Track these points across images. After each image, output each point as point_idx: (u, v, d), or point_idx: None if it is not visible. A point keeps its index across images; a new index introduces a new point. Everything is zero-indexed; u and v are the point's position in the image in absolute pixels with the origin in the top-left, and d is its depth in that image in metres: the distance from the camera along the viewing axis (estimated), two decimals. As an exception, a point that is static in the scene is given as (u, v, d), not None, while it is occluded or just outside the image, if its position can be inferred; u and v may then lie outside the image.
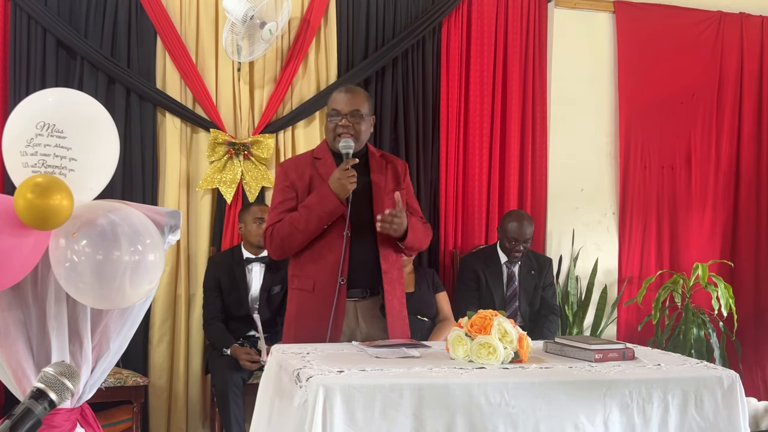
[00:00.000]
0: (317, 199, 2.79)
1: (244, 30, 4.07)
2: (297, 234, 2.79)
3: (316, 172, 2.88)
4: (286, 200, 2.87)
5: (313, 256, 2.83)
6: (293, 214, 2.81)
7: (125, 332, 2.26)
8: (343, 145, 2.80)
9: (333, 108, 2.89)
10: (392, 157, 3.07)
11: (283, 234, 2.81)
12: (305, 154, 3.04)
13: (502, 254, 4.33)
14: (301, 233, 2.79)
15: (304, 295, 2.85)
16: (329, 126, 2.89)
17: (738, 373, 2.27)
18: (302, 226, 2.78)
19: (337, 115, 2.87)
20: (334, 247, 2.80)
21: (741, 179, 4.99)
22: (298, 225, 2.78)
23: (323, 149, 2.96)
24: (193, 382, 4.24)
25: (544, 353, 2.49)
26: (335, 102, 2.89)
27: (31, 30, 4.01)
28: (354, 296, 2.85)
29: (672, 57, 4.87)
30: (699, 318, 4.56)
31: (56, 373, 1.54)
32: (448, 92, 4.56)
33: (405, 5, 4.51)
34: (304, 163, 2.94)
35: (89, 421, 2.27)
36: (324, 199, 2.77)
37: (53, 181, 1.95)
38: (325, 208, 2.76)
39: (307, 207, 2.80)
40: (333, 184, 2.76)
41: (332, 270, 2.80)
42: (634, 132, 4.82)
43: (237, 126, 4.28)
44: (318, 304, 2.80)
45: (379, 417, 1.98)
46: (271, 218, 2.89)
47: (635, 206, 4.82)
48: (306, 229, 2.78)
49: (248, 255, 4.00)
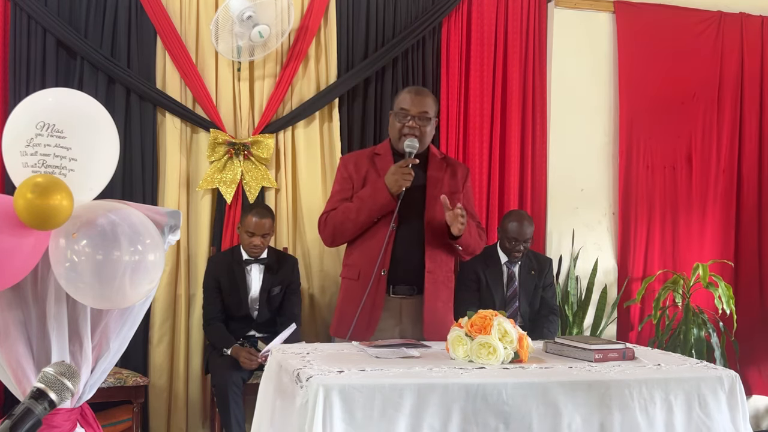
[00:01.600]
0: (371, 191, 2.87)
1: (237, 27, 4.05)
2: (348, 223, 2.90)
3: (373, 167, 2.97)
4: (343, 190, 2.99)
5: (361, 246, 2.93)
6: (348, 204, 2.92)
7: (125, 332, 2.25)
8: (408, 144, 2.87)
9: (401, 108, 2.93)
10: (454, 161, 3.14)
11: (336, 222, 2.92)
12: (367, 150, 3.16)
13: (502, 254, 4.33)
14: (352, 223, 2.89)
15: (350, 283, 2.97)
16: (395, 125, 2.95)
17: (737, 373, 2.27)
18: (353, 216, 2.88)
19: (405, 116, 2.92)
20: (379, 239, 2.87)
21: (742, 179, 4.98)
22: (349, 215, 2.89)
23: (385, 146, 3.05)
24: (193, 382, 4.24)
25: (544, 353, 2.49)
26: (404, 102, 2.94)
27: (31, 30, 4.01)
28: (400, 293, 2.93)
29: (672, 57, 4.87)
30: (699, 318, 4.56)
31: (56, 373, 1.54)
32: (448, 92, 4.56)
33: (405, 5, 4.51)
34: (363, 157, 3.04)
35: (89, 421, 2.26)
36: (377, 192, 2.85)
37: (53, 181, 1.95)
38: (376, 202, 2.84)
39: (360, 198, 2.89)
40: (388, 179, 2.83)
41: (375, 261, 2.86)
42: (634, 132, 4.82)
43: (237, 126, 4.28)
44: (361, 293, 2.88)
45: (379, 417, 1.98)
46: (328, 206, 3.02)
47: (635, 206, 4.82)
48: (357, 219, 2.88)
49: (247, 257, 4.00)
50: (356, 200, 2.91)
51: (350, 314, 2.90)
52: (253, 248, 3.92)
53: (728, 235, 4.96)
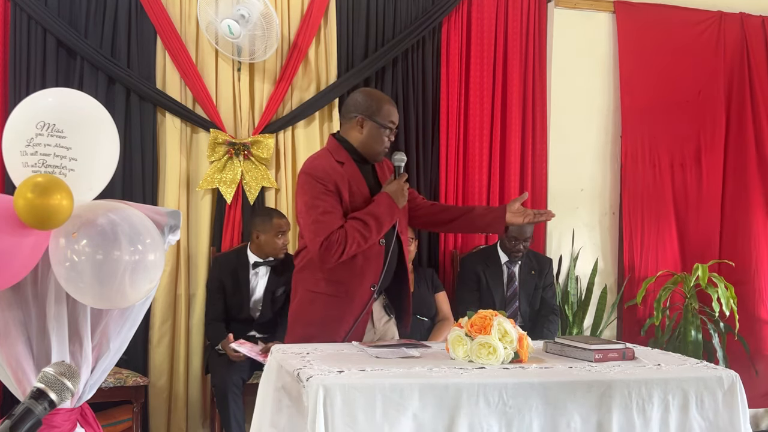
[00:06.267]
0: (386, 209, 2.79)
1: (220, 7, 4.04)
2: (368, 242, 2.77)
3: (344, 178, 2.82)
4: (336, 205, 2.77)
5: (347, 261, 2.78)
6: (359, 223, 2.74)
7: (125, 332, 2.25)
8: (398, 158, 2.86)
9: (391, 120, 2.88)
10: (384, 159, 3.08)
11: (355, 242, 2.72)
12: (328, 158, 2.88)
13: (502, 254, 4.33)
14: (369, 242, 2.77)
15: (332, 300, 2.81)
16: (382, 138, 2.87)
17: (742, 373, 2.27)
18: (375, 236, 2.77)
19: (392, 129, 2.89)
20: (369, 254, 2.81)
21: (748, 178, 4.97)
22: (369, 234, 2.75)
23: (341, 152, 2.87)
24: (193, 382, 4.24)
25: (544, 353, 2.49)
26: (392, 115, 2.89)
27: (31, 30, 4.01)
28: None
29: (673, 56, 4.86)
30: (699, 319, 4.56)
31: (56, 373, 1.54)
32: (448, 92, 4.56)
33: (405, 5, 4.51)
34: (335, 167, 2.84)
35: (89, 421, 2.27)
36: (392, 209, 2.80)
37: (53, 181, 1.95)
38: (392, 219, 2.82)
39: (375, 217, 2.76)
40: (395, 195, 2.81)
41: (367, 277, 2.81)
42: (637, 131, 4.81)
43: (237, 126, 4.28)
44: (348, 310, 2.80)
45: (380, 417, 1.98)
46: (330, 223, 2.73)
47: (635, 206, 4.81)
48: (376, 238, 2.79)
49: (257, 259, 4.00)
50: (370, 219, 2.75)
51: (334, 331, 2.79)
52: (282, 249, 3.97)
53: (729, 234, 4.95)
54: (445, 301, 4.29)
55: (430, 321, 4.21)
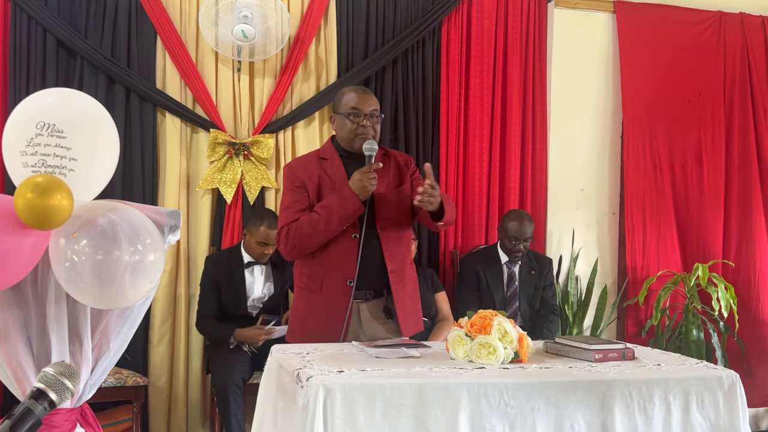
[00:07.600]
0: (338, 200, 2.76)
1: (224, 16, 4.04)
2: (317, 234, 2.77)
3: (324, 173, 2.85)
4: (299, 200, 2.84)
5: (321, 255, 2.81)
6: (311, 215, 2.78)
7: (125, 332, 2.25)
8: (368, 147, 2.78)
9: (353, 107, 2.83)
10: (394, 153, 3.05)
11: (302, 234, 2.77)
12: (311, 155, 3.01)
13: (502, 254, 4.33)
14: (321, 233, 2.76)
15: (311, 295, 2.85)
16: (347, 125, 2.84)
17: (738, 374, 2.26)
18: (322, 226, 2.75)
19: (357, 115, 2.83)
20: (342, 248, 2.79)
21: (751, 177, 4.96)
22: (317, 225, 2.75)
23: (329, 150, 2.93)
24: (193, 382, 4.24)
25: (544, 353, 2.49)
26: (355, 101, 2.84)
27: (31, 30, 4.01)
28: (358, 297, 2.84)
29: (673, 56, 4.86)
30: (700, 319, 4.56)
31: (56, 373, 1.54)
32: (448, 92, 4.56)
33: (405, 5, 4.51)
34: (311, 163, 2.91)
35: (89, 421, 2.26)
36: (345, 199, 2.74)
37: (53, 181, 1.95)
38: (346, 209, 2.74)
39: (326, 207, 2.76)
40: (354, 185, 2.74)
41: (342, 271, 2.79)
42: (639, 131, 4.81)
43: (237, 126, 4.28)
44: (326, 305, 2.81)
45: (380, 417, 1.98)
46: (285, 218, 2.83)
47: (636, 206, 4.80)
48: (326, 229, 2.76)
49: (249, 259, 4.00)
50: (322, 210, 2.76)
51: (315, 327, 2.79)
52: (263, 256, 3.95)
53: (729, 234, 4.95)
54: (444, 301, 4.29)
55: (430, 321, 4.21)
